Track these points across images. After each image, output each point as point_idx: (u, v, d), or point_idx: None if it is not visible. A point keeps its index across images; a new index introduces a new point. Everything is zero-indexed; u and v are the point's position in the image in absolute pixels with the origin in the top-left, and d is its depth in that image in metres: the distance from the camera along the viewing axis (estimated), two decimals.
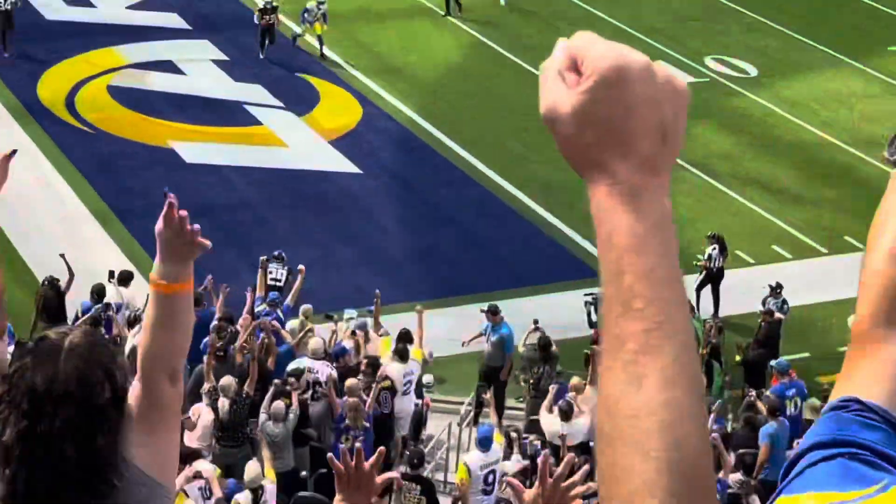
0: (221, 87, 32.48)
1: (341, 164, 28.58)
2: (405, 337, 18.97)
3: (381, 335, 19.73)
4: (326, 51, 33.43)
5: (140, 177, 27.86)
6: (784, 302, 23.08)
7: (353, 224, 26.50)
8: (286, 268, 22.34)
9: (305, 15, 32.81)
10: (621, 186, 1.75)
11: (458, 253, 25.66)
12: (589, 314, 23.22)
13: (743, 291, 24.33)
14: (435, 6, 36.41)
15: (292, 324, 19.57)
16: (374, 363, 17.87)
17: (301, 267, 21.02)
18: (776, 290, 23.27)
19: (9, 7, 31.43)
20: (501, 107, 31.38)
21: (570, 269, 26.12)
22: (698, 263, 23.62)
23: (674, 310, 1.79)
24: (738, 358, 21.77)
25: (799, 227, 27.97)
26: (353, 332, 19.32)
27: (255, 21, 32.65)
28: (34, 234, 25.18)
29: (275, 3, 32.29)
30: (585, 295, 23.50)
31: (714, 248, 23.94)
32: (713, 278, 23.87)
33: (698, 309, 22.65)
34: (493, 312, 20.62)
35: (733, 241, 26.69)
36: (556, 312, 23.47)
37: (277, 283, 21.84)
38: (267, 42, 32.69)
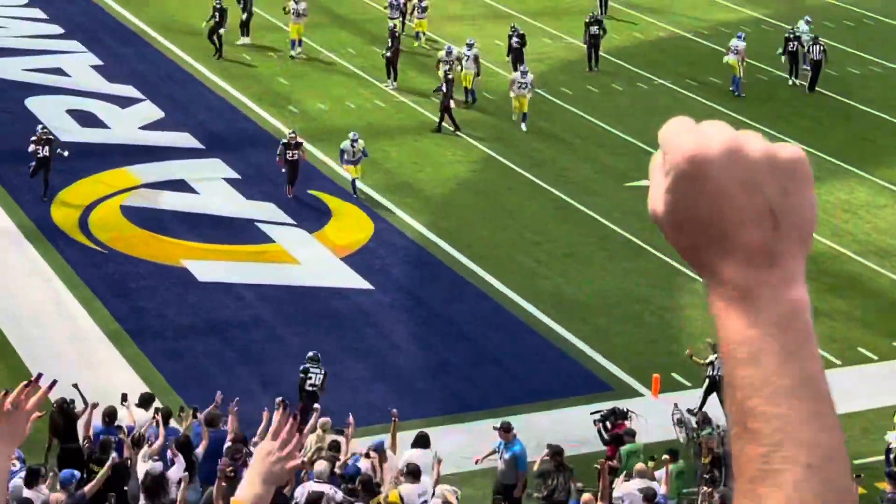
0: (234, 205, 32.61)
1: (353, 280, 28.57)
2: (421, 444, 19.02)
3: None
4: (359, 184, 33.03)
5: (153, 296, 27.95)
6: None
7: (366, 340, 26.42)
8: (322, 370, 22.68)
9: (344, 156, 32.44)
10: (725, 289, 1.56)
11: (471, 368, 25.59)
12: (600, 431, 23.06)
13: None
14: (445, 122, 36.68)
15: (309, 439, 19.46)
16: (367, 482, 17.68)
17: (316, 406, 21.01)
18: None
19: (47, 154, 31.43)
20: (512, 221, 31.55)
21: (582, 383, 25.99)
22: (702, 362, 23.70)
23: (798, 426, 1.56)
24: None
25: None
26: (368, 454, 19.19)
27: (278, 157, 32.00)
28: (46, 355, 25.10)
29: (299, 139, 31.90)
30: (592, 413, 23.48)
31: (716, 356, 23.85)
32: (717, 387, 23.75)
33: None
34: (505, 430, 20.49)
35: None
36: (570, 427, 23.35)
37: (315, 388, 22.34)
38: (293, 178, 32.25)
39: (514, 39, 41.38)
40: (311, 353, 22.82)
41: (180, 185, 33.25)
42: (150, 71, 40.84)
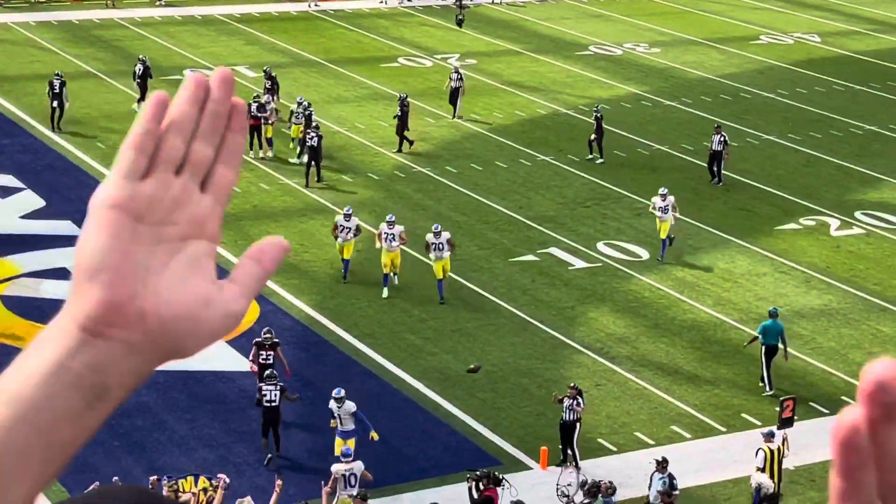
0: None
1: (239, 363, 28.43)
2: None
3: None
4: None
5: None
6: (671, 476, 23.53)
7: (252, 423, 26.21)
8: (279, 386, 24.49)
9: None
10: None
11: (359, 447, 25.48)
12: (470, 490, 23.48)
13: (646, 475, 24.53)
14: (330, 202, 36.74)
15: None
16: None
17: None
18: (662, 464, 23.66)
19: None
20: (399, 299, 31.69)
21: (471, 457, 25.90)
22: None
23: None
24: None
25: (696, 407, 28.04)
26: None
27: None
28: None
29: (275, 340, 28.33)
30: (468, 472, 23.70)
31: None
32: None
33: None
34: None
35: (632, 424, 27.01)
36: (460, 503, 23.35)
37: (272, 404, 24.10)
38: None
39: (401, 110, 42.15)
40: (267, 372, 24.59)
41: (62, 273, 32.81)
42: (31, 160, 40.80)
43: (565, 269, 34.14)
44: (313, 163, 38.47)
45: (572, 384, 26.20)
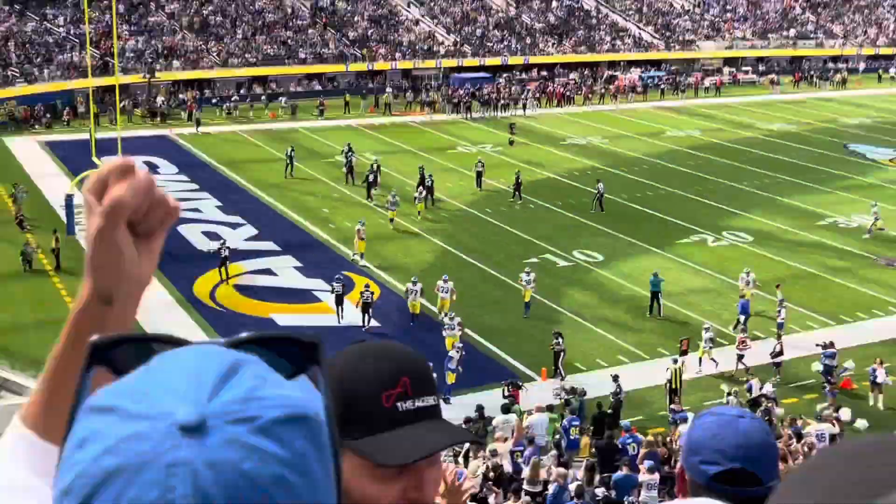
0: (297, 281, 31.86)
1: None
2: None
3: None
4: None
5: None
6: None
7: None
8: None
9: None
10: None
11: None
12: (502, 391, 22.49)
13: (602, 385, 24.27)
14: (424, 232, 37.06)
15: None
16: None
17: None
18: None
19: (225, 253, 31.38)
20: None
21: (500, 374, 24.84)
22: None
23: None
24: None
25: (633, 343, 27.27)
26: None
27: None
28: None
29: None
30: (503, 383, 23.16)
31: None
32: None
33: None
34: None
35: (593, 354, 26.70)
36: (497, 401, 22.43)
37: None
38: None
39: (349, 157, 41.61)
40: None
41: (268, 271, 32.90)
42: (249, 208, 40.19)
43: (554, 266, 33.89)
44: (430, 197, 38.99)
45: (557, 330, 26.11)
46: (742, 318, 28.46)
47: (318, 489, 0.81)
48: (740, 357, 25.94)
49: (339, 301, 28.68)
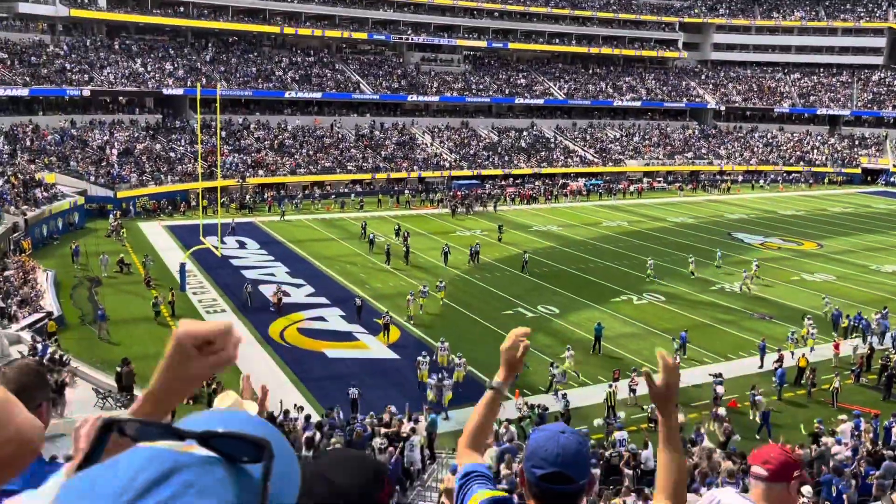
0: (341, 326, 30.20)
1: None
2: None
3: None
4: None
5: (312, 365, 26.07)
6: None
7: None
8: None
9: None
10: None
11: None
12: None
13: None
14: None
15: None
16: None
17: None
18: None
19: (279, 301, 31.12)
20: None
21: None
22: None
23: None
24: None
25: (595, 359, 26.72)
26: None
27: None
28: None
29: None
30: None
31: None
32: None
33: None
34: None
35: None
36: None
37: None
38: None
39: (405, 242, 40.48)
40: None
41: (321, 318, 31.76)
42: (308, 272, 38.87)
43: (523, 316, 32.69)
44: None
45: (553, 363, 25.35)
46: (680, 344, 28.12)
47: None
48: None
49: (386, 328, 28.95)
